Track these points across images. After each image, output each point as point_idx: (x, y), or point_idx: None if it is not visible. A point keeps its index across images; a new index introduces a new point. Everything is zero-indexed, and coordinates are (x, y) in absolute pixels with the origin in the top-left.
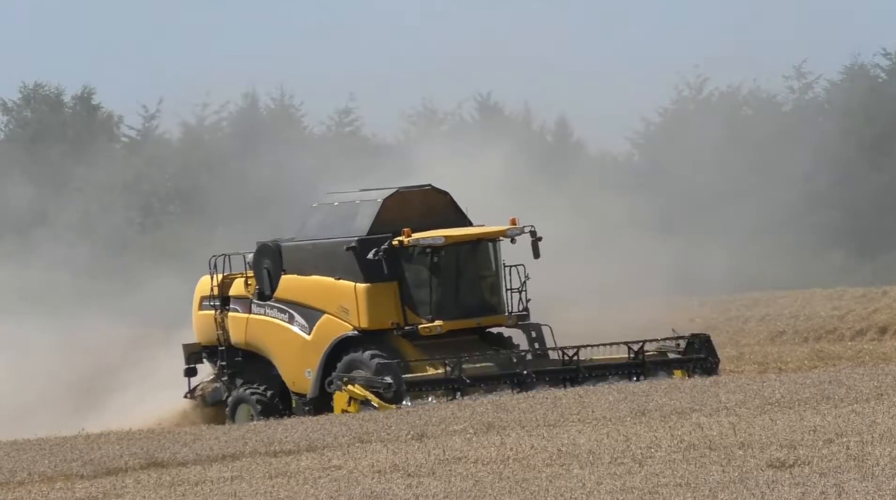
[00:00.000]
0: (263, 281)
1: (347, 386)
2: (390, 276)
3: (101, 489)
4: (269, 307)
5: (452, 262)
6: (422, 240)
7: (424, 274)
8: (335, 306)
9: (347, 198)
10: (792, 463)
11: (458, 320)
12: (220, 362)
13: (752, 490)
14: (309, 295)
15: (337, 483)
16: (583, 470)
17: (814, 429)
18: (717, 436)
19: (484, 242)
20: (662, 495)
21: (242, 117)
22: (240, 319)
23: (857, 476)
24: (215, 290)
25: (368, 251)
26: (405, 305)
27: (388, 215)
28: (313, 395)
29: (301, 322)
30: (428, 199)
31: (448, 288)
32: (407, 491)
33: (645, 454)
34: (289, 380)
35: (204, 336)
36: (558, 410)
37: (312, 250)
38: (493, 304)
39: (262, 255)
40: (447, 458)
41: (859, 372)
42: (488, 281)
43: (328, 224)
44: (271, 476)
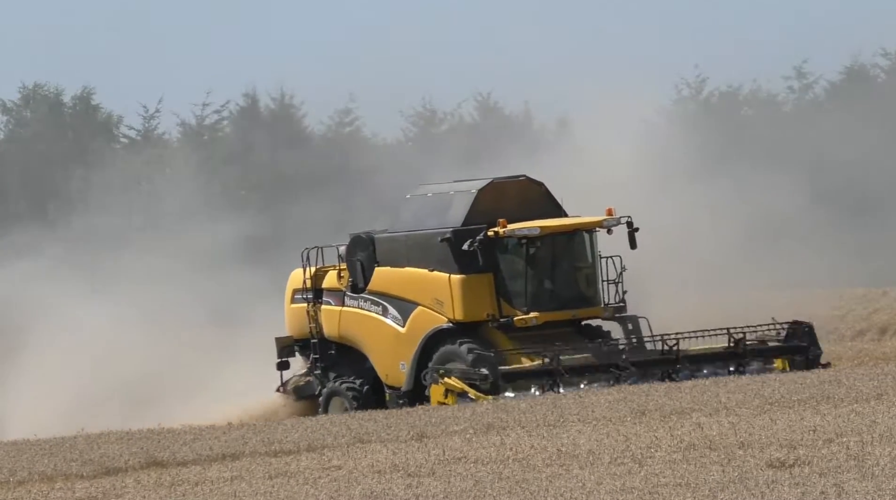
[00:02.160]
0: (357, 273)
1: (444, 378)
2: (485, 267)
3: (100, 488)
4: (363, 300)
5: (548, 253)
6: (517, 231)
7: (520, 265)
8: (429, 298)
9: (441, 189)
10: (792, 463)
11: (554, 312)
12: (312, 356)
13: (751, 490)
14: (403, 287)
15: (337, 483)
16: (583, 470)
17: (814, 429)
18: (716, 436)
19: (580, 232)
20: (662, 495)
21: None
22: (333, 311)
23: (856, 476)
24: (308, 282)
25: (463, 242)
26: (500, 296)
27: (482, 206)
28: (407, 388)
29: (395, 315)
30: (523, 189)
31: (543, 279)
32: (407, 491)
33: (645, 455)
34: (382, 373)
35: (296, 329)
36: (558, 410)
37: (406, 242)
38: (589, 295)
39: (356, 247)
40: (447, 458)
41: (859, 372)
42: (584, 272)
43: (422, 215)
44: (271, 476)
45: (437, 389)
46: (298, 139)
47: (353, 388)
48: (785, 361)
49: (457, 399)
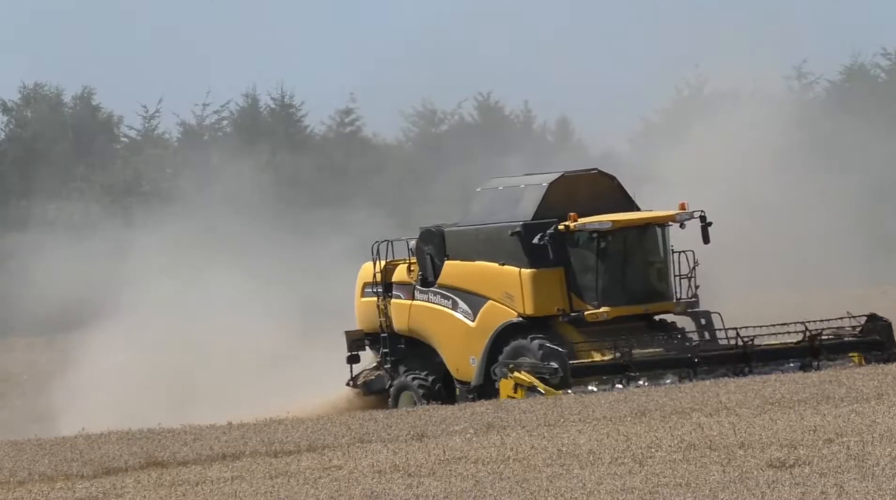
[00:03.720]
0: (426, 267)
1: (513, 373)
2: (556, 261)
3: (101, 488)
4: (433, 294)
5: (620, 247)
6: (588, 224)
7: (591, 259)
8: (499, 292)
9: (512, 182)
10: (792, 463)
11: (625, 307)
12: (382, 350)
13: (752, 490)
14: (472, 281)
15: (337, 483)
16: (583, 470)
17: (814, 429)
18: (717, 436)
19: (652, 227)
20: (663, 495)
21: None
22: (403, 305)
23: (857, 476)
24: (378, 276)
25: (533, 236)
26: (571, 291)
27: (553, 200)
28: (477, 382)
29: (465, 309)
30: (594, 183)
31: (615, 274)
32: (407, 491)
33: (645, 454)
34: (452, 367)
35: (366, 323)
36: (558, 410)
37: (476, 236)
38: (661, 290)
39: (426, 240)
40: (447, 458)
41: (859, 372)
42: (656, 267)
43: (492, 209)
44: (272, 476)
45: (507, 383)
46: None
47: (423, 382)
48: (860, 356)
49: (526, 394)
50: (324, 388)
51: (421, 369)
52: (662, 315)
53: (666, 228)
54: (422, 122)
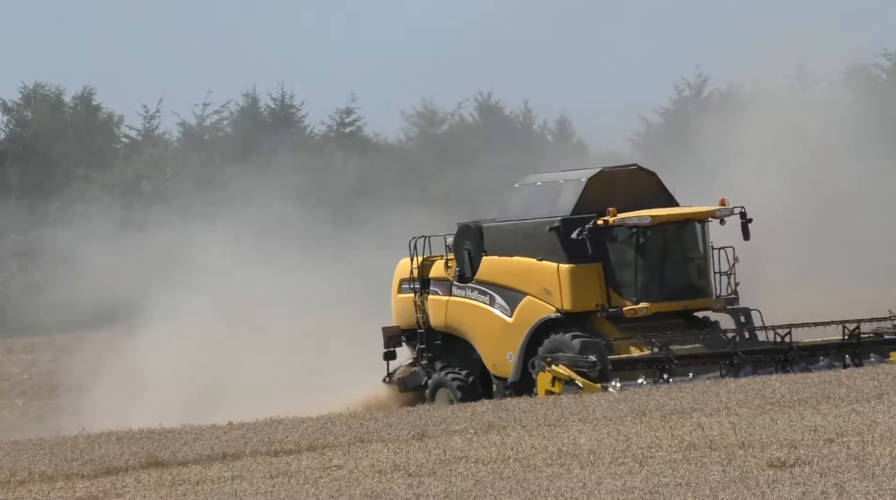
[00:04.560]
0: (464, 263)
1: (551, 367)
2: (594, 257)
3: (101, 488)
4: (470, 289)
5: (659, 243)
6: (627, 220)
7: (630, 255)
8: (537, 287)
9: (551, 178)
10: (792, 463)
11: (664, 303)
12: (419, 346)
13: (752, 490)
14: (510, 277)
15: (338, 483)
16: (583, 470)
17: (814, 429)
18: (717, 436)
19: (691, 222)
20: (663, 495)
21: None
22: (440, 301)
23: (857, 476)
24: (415, 272)
25: (572, 231)
26: (609, 286)
27: (592, 195)
28: (515, 378)
29: (502, 304)
30: (633, 178)
31: (654, 269)
32: (408, 491)
33: (645, 454)
34: (490, 363)
35: (403, 319)
36: (559, 409)
37: (514, 231)
38: (701, 286)
39: (463, 236)
40: (448, 458)
41: (860, 372)
42: (695, 263)
43: (530, 205)
44: (272, 476)
45: (544, 377)
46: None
47: (460, 379)
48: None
49: (564, 388)
50: (364, 385)
51: (458, 365)
52: (701, 312)
53: (705, 223)
54: (422, 122)
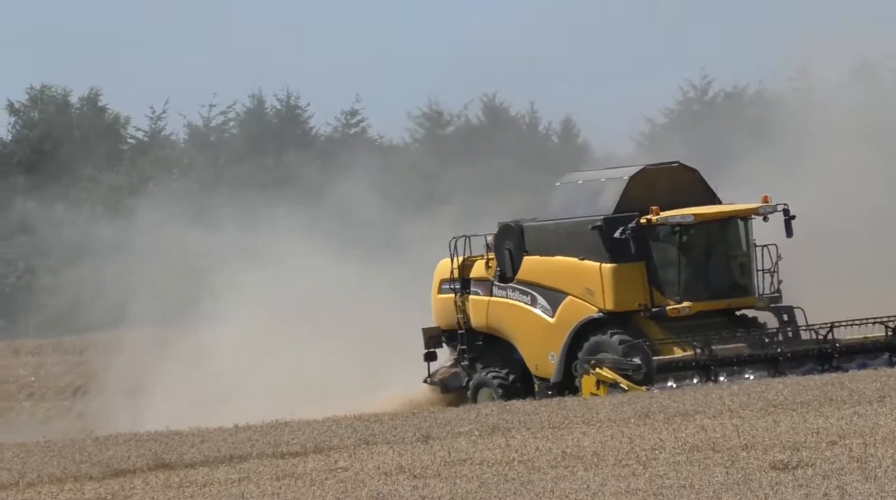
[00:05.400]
0: (505, 263)
1: (595, 369)
2: (637, 255)
3: (109, 490)
4: (511, 289)
5: (702, 241)
6: (670, 218)
7: (673, 253)
8: (579, 287)
9: (592, 176)
10: (795, 465)
11: (707, 302)
12: (460, 347)
13: (755, 492)
14: (552, 276)
15: (343, 485)
16: (587, 472)
17: (817, 431)
18: (720, 438)
19: (735, 220)
20: (666, 496)
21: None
22: (480, 301)
23: (859, 478)
24: (455, 272)
25: (614, 230)
26: (652, 285)
27: (634, 193)
28: (556, 379)
29: (544, 304)
30: (676, 176)
31: (697, 268)
32: (413, 493)
33: (649, 456)
34: (531, 364)
35: (443, 320)
36: (563, 412)
37: (556, 230)
38: (744, 285)
39: (504, 236)
40: (452, 460)
41: (862, 375)
42: (738, 261)
43: (572, 204)
44: (278, 478)
45: (589, 380)
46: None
47: (502, 379)
48: None
49: (608, 390)
50: (405, 386)
51: (499, 365)
52: (744, 310)
53: (749, 221)
54: (428, 123)
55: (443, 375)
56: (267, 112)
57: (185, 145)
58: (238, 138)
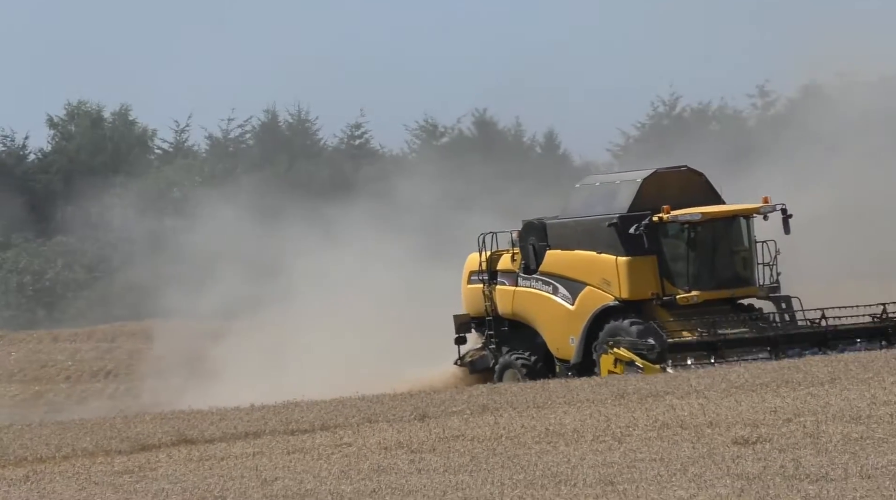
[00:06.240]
0: (529, 256)
1: (613, 349)
2: (650, 250)
3: (136, 463)
4: (535, 280)
5: (709, 237)
6: (680, 216)
7: (682, 248)
8: (597, 278)
9: (608, 179)
10: (754, 440)
11: (714, 291)
12: (487, 332)
13: (718, 465)
14: (572, 268)
15: (348, 459)
16: (568, 447)
17: (774, 410)
18: (687, 416)
19: (738, 218)
20: (639, 469)
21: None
22: (507, 291)
23: (812, 452)
24: (483, 265)
25: (629, 227)
26: (663, 277)
27: (647, 194)
28: (576, 360)
29: (564, 293)
30: (684, 179)
31: (704, 261)
32: (410, 466)
33: (624, 433)
34: (553, 347)
35: (472, 308)
36: (546, 393)
37: (576, 227)
38: (746, 276)
39: (528, 232)
40: (446, 436)
41: (815, 359)
42: (741, 255)
43: (590, 203)
44: (289, 452)
45: (607, 358)
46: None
47: (525, 361)
48: None
49: (625, 369)
50: (436, 367)
51: (523, 349)
52: (746, 299)
53: (751, 219)
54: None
55: (472, 357)
56: (280, 125)
57: (206, 155)
58: (254, 149)
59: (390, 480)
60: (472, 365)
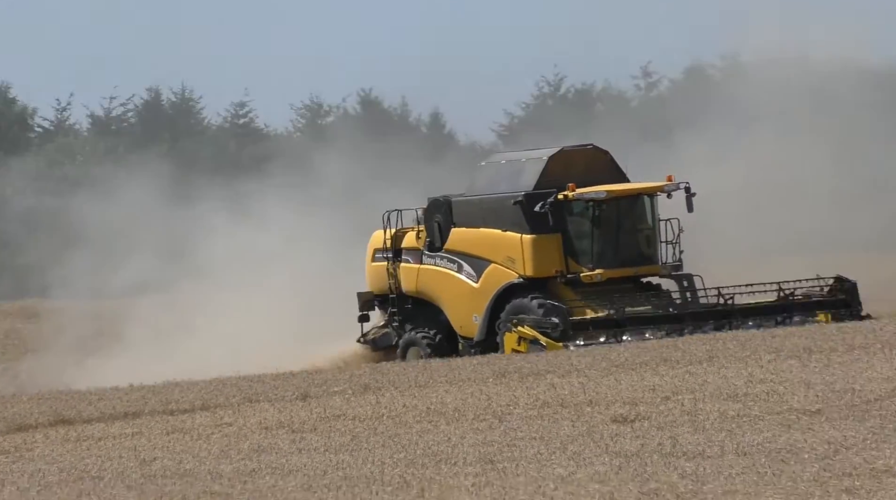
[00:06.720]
0: (434, 234)
1: (517, 327)
2: (554, 228)
3: (13, 443)
4: (440, 258)
5: (613, 215)
6: (585, 194)
7: (587, 226)
8: (502, 255)
9: (514, 157)
10: (633, 418)
11: (617, 269)
12: (391, 309)
13: (598, 443)
14: (477, 246)
15: (228, 439)
16: (449, 426)
17: (653, 388)
18: (568, 395)
19: (642, 197)
20: (519, 447)
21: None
22: (411, 269)
23: (689, 430)
24: (388, 242)
25: (534, 205)
26: (568, 254)
27: (552, 172)
28: (480, 338)
29: (469, 271)
30: (589, 157)
31: (608, 239)
32: (291, 445)
33: (504, 411)
34: (457, 324)
35: (376, 285)
36: (428, 372)
37: (481, 205)
38: (649, 254)
39: (434, 210)
40: (328, 416)
41: (694, 339)
42: (645, 233)
43: (496, 181)
44: (168, 432)
45: (511, 337)
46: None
47: (429, 338)
48: (827, 314)
49: (529, 347)
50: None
51: (426, 326)
52: (649, 278)
53: (654, 198)
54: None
55: (375, 335)
56: (163, 104)
57: (87, 134)
58: (136, 127)
59: (270, 460)
60: (375, 343)
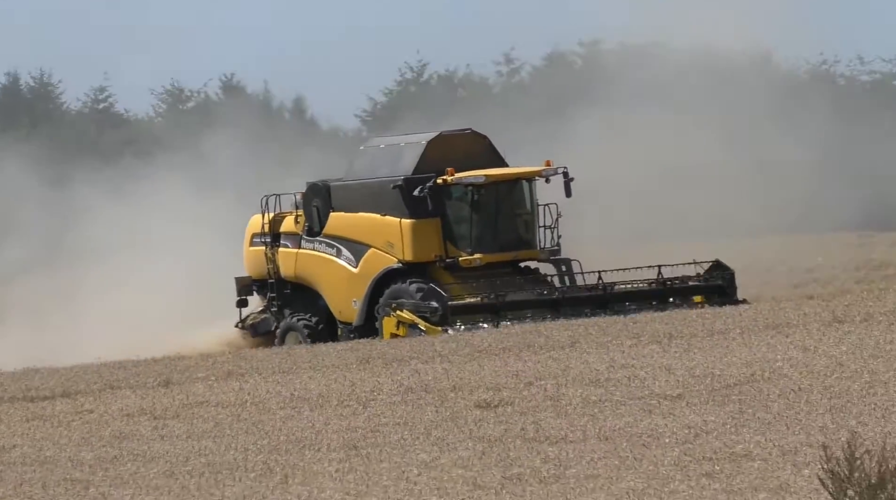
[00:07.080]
0: (313, 218)
1: (396, 312)
2: (433, 212)
3: None
4: (318, 243)
5: (492, 200)
6: (464, 179)
7: (465, 211)
8: (381, 240)
9: (393, 141)
10: (496, 404)
11: (496, 254)
12: (269, 294)
13: (461, 428)
14: (356, 231)
15: (89, 426)
16: (313, 412)
17: (516, 374)
18: (431, 380)
19: (521, 181)
20: (383, 433)
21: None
22: (290, 254)
23: (552, 415)
24: (266, 227)
25: (413, 190)
26: (447, 239)
27: (431, 156)
28: (359, 323)
29: (348, 256)
30: (469, 142)
31: (487, 224)
32: (153, 432)
33: (368, 397)
34: (336, 310)
35: (254, 270)
36: (292, 358)
37: (360, 189)
38: (528, 239)
39: (312, 194)
40: (191, 402)
41: (556, 324)
42: (524, 218)
43: (375, 165)
44: (28, 420)
45: (390, 321)
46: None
47: (308, 323)
48: (703, 298)
49: (408, 331)
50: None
51: (305, 311)
52: (528, 262)
53: (532, 182)
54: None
55: (253, 320)
56: (21, 89)
57: None
58: None
59: (132, 446)
60: (254, 328)
